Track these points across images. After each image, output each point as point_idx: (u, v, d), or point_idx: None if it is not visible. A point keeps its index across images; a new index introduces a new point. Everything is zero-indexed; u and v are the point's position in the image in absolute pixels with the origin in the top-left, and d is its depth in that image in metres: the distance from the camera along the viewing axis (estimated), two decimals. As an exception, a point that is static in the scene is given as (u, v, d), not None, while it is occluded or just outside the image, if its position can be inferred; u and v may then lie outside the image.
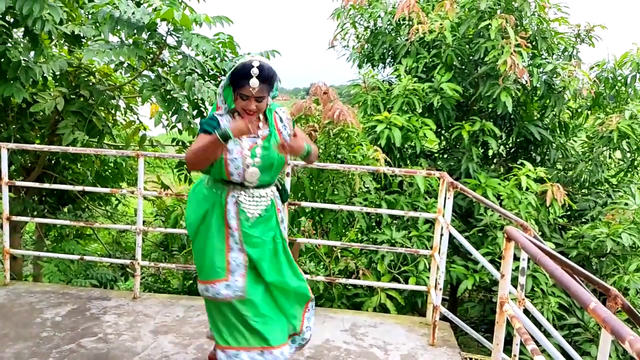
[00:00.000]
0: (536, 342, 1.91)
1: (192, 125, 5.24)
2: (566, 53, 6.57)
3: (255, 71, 2.25)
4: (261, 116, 2.46)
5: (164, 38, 4.87)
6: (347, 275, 5.03)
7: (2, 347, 3.05)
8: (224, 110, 2.43)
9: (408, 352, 3.31)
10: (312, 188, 5.17)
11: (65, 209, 6.62)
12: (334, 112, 4.85)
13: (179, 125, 5.32)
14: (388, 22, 6.78)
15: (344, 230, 5.42)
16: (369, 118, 5.87)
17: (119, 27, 4.57)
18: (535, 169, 5.40)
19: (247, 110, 2.34)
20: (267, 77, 2.30)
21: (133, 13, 4.49)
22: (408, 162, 5.98)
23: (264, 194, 2.49)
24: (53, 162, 6.25)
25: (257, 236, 2.47)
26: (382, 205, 5.14)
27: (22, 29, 4.70)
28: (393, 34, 6.79)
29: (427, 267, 4.77)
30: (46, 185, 5.14)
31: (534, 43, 6.17)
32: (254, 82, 2.26)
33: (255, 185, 2.46)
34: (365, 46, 7.03)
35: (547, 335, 2.52)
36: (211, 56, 5.10)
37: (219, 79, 5.29)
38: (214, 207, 2.46)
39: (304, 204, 4.40)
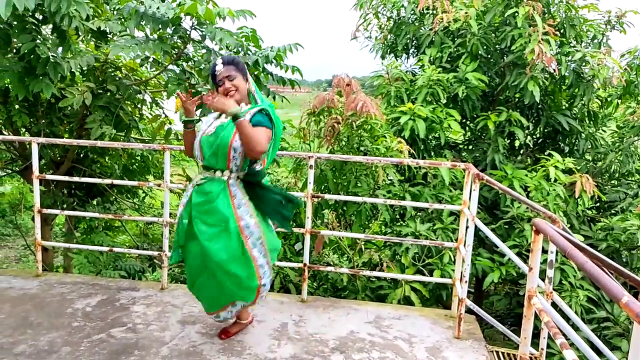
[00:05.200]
0: (565, 335, 1.89)
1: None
2: (595, 40, 6.40)
3: (219, 60, 2.82)
4: (244, 104, 2.83)
5: (188, 32, 4.91)
6: (371, 268, 5.02)
7: (37, 335, 3.15)
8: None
9: (433, 345, 3.30)
10: (335, 180, 5.16)
11: (94, 202, 6.76)
12: (357, 103, 4.83)
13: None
14: (411, 12, 6.70)
15: (367, 223, 5.40)
16: (393, 109, 5.82)
17: (144, 22, 4.62)
18: (563, 160, 5.29)
19: (226, 90, 2.78)
20: (229, 61, 2.82)
21: (158, 8, 4.54)
22: (432, 153, 5.92)
23: (211, 174, 2.81)
24: (82, 155, 6.38)
25: (198, 202, 2.80)
26: (406, 197, 5.11)
27: (51, 25, 4.80)
28: (417, 24, 6.72)
29: (452, 259, 4.73)
30: (75, 179, 5.25)
31: (562, 31, 6.03)
32: (219, 67, 2.80)
33: (204, 165, 2.83)
34: (389, 37, 6.97)
35: (576, 329, 2.49)
36: (234, 50, 5.13)
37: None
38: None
39: (327, 196, 4.40)
